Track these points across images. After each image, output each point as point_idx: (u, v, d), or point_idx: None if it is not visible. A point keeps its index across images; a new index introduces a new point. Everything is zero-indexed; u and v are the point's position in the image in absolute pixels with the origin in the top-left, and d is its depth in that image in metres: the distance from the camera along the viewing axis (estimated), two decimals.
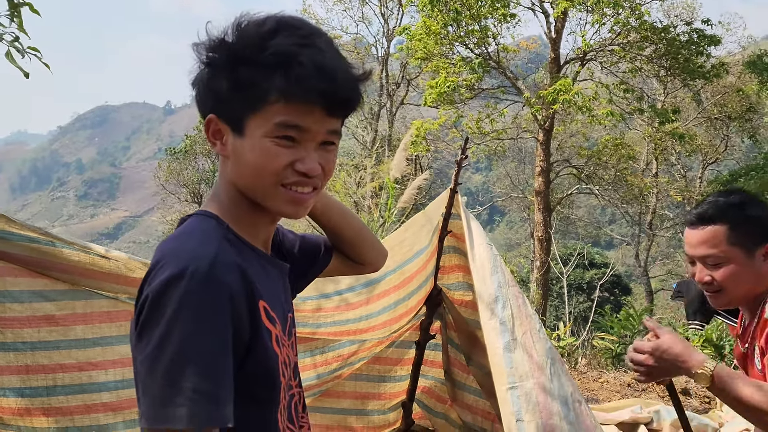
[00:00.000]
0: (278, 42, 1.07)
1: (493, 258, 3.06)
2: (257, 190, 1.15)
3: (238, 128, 1.11)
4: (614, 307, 18.02)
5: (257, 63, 1.07)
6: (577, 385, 2.95)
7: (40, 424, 2.71)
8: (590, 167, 17.54)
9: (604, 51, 14.79)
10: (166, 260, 1.05)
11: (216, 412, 0.98)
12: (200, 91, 1.14)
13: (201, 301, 1.00)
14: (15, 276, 2.55)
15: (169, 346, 0.98)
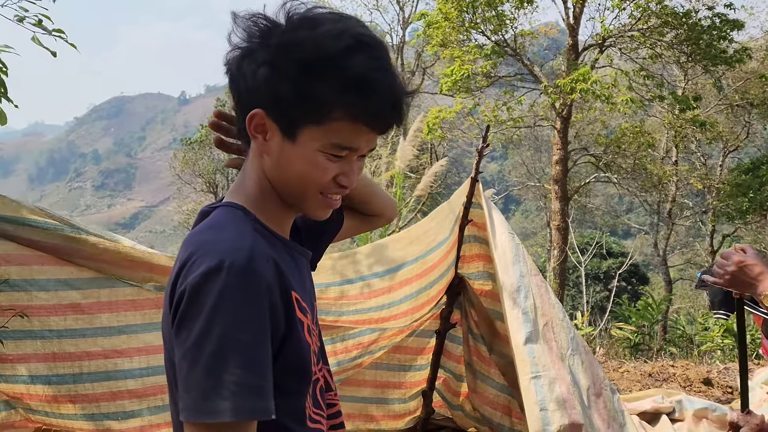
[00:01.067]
0: (357, 63, 1.05)
1: (515, 247, 3.04)
2: (296, 194, 1.16)
3: (291, 134, 1.09)
4: (632, 297, 17.89)
5: (332, 81, 1.05)
6: (600, 376, 2.92)
7: (67, 411, 2.75)
8: (609, 155, 17.34)
9: (623, 37, 14.57)
10: (201, 253, 1.04)
11: (260, 404, 0.99)
12: (248, 83, 1.10)
13: (240, 293, 1.00)
14: (42, 264, 2.57)
15: (210, 340, 0.98)
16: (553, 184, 15.38)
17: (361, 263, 3.09)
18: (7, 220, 2.44)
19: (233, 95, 1.14)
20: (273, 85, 1.07)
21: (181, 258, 1.09)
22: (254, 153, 1.16)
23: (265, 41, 1.08)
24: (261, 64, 1.07)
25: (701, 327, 8.92)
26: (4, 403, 2.67)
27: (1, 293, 2.47)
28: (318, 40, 1.05)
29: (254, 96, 1.10)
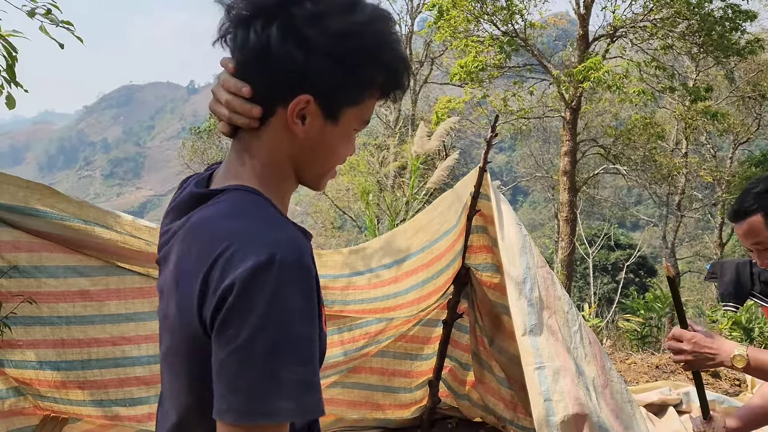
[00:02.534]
0: (394, 45, 1.08)
1: (523, 238, 3.03)
2: (320, 172, 1.16)
3: (334, 116, 1.08)
4: (639, 289, 17.84)
5: (382, 66, 1.07)
6: (607, 366, 2.91)
7: (76, 397, 2.78)
8: (618, 147, 17.24)
9: (635, 27, 14.43)
10: (241, 244, 0.98)
11: (317, 402, 0.96)
12: (289, 66, 1.03)
13: (294, 288, 0.97)
14: (50, 251, 2.59)
15: (265, 336, 0.93)
16: (561, 175, 15.31)
17: (371, 257, 3.09)
18: (14, 209, 2.44)
19: (252, 70, 1.07)
20: (328, 72, 1.04)
21: (204, 246, 1.01)
22: (277, 135, 1.09)
23: (316, 23, 1.03)
24: (315, 49, 1.03)
25: (709, 320, 8.88)
26: (14, 390, 2.69)
27: (11, 279, 2.48)
28: (373, 26, 1.06)
29: (301, 80, 1.04)
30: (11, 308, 2.25)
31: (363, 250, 3.20)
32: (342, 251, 3.26)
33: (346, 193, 21.43)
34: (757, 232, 1.94)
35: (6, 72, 2.76)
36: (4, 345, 2.48)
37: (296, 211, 35.50)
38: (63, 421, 2.79)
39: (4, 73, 2.76)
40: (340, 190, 21.64)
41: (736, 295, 3.14)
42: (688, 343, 1.87)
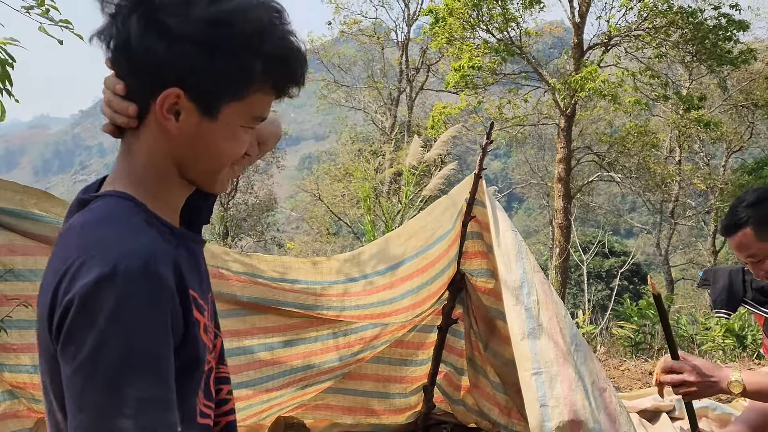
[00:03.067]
0: (280, 35, 1.02)
1: (518, 244, 3.05)
2: (209, 172, 1.09)
3: (211, 111, 1.02)
4: (633, 296, 17.87)
5: (262, 55, 1.00)
6: (602, 371, 2.93)
7: None
8: (612, 154, 17.34)
9: (629, 36, 14.55)
10: (90, 255, 0.93)
11: (167, 419, 0.91)
12: (158, 59, 0.98)
13: (138, 300, 0.91)
14: (46, 255, 2.58)
15: (108, 353, 0.88)
16: (556, 182, 15.38)
17: (365, 264, 3.11)
18: (11, 212, 2.45)
19: (122, 67, 1.02)
20: (197, 63, 0.98)
21: (61, 257, 0.96)
22: (153, 134, 1.04)
23: (179, 12, 0.97)
24: (178, 39, 0.97)
25: (702, 327, 8.92)
26: (9, 393, 2.68)
27: (6, 283, 2.48)
28: (247, 13, 0.99)
29: (166, 74, 0.99)
30: (7, 312, 2.25)
31: (357, 256, 3.21)
32: (337, 258, 3.28)
33: (341, 199, 21.47)
34: (748, 245, 1.96)
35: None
36: (0, 349, 2.48)
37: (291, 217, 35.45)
38: None
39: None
40: (336, 196, 21.69)
41: (728, 302, 3.16)
42: (691, 374, 1.87)
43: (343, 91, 25.12)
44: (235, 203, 24.08)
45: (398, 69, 23.98)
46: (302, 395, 3.49)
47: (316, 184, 22.61)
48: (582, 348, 2.93)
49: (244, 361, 3.07)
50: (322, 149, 41.95)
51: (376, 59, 24.85)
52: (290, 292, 2.95)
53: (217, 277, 2.82)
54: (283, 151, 26.66)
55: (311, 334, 3.20)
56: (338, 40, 25.47)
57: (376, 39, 23.96)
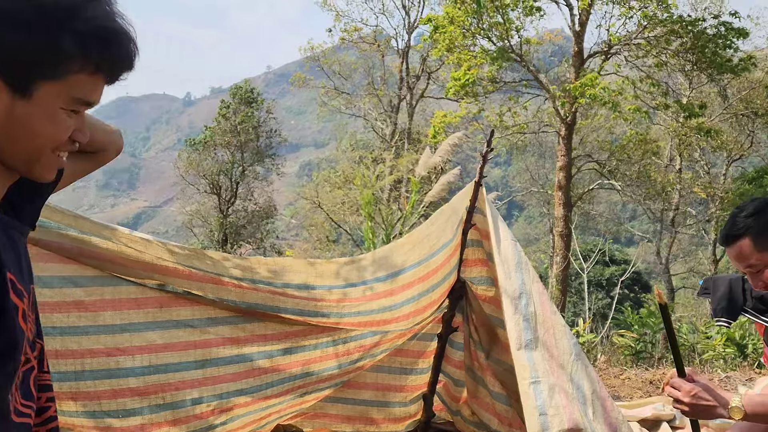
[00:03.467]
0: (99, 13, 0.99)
1: (518, 254, 3.05)
2: (28, 156, 1.05)
3: (25, 91, 0.98)
4: (634, 305, 17.85)
5: (76, 32, 0.97)
6: (600, 382, 2.93)
7: (68, 408, 2.75)
8: (613, 162, 17.37)
9: (629, 44, 14.60)
10: None
11: None
12: None
13: None
14: (45, 261, 2.58)
15: None
16: (556, 190, 15.40)
17: (365, 269, 3.10)
18: None
19: None
20: (5, 40, 0.95)
21: None
22: None
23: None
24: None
25: (703, 336, 8.90)
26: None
27: None
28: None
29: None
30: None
31: (357, 261, 3.21)
32: (337, 260, 3.27)
33: (341, 207, 21.48)
34: (747, 256, 1.97)
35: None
36: None
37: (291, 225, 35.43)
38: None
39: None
40: (336, 204, 21.70)
41: (728, 310, 3.16)
42: (686, 395, 1.90)
43: (343, 98, 25.18)
44: (235, 210, 24.08)
45: (399, 76, 24.05)
46: (301, 403, 3.47)
47: (315, 191, 22.63)
48: (581, 358, 2.93)
49: (242, 369, 3.05)
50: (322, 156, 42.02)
51: (376, 66, 24.93)
52: (290, 298, 2.94)
53: (216, 283, 2.82)
54: (283, 158, 26.67)
55: (311, 342, 3.19)
56: (339, 48, 25.55)
57: (376, 47, 24.04)
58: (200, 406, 3.03)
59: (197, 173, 23.79)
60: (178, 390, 2.93)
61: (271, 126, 24.98)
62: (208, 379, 2.99)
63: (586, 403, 2.80)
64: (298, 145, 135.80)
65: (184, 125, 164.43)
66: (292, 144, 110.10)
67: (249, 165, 24.11)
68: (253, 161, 24.17)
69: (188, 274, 2.77)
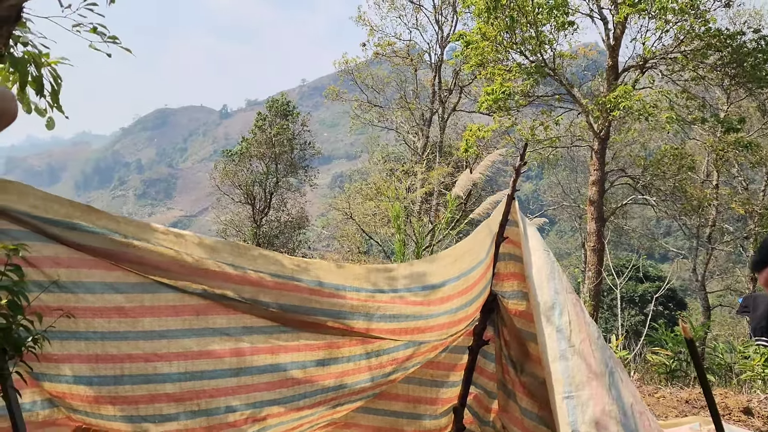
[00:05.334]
0: None
1: (551, 264, 3.04)
2: None
3: None
4: (668, 322, 17.46)
5: None
6: (639, 395, 2.89)
7: (107, 412, 2.83)
8: (647, 177, 17.08)
9: (665, 59, 14.40)
10: None
11: None
12: None
13: None
14: (89, 268, 2.67)
15: None
16: (589, 204, 15.20)
17: (397, 279, 3.11)
18: (58, 223, 2.53)
19: None
20: None
21: None
22: None
23: None
24: None
25: (741, 355, 8.66)
26: (48, 401, 2.76)
27: (50, 294, 2.56)
28: None
29: None
30: (50, 322, 2.32)
31: (389, 270, 3.22)
32: (366, 265, 3.28)
33: (372, 218, 21.54)
34: None
35: (50, 97, 2.90)
36: (40, 359, 2.55)
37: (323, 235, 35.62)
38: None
39: (49, 98, 2.90)
40: (367, 215, 21.77)
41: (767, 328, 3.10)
42: None
43: (375, 111, 25.33)
44: (268, 220, 24.35)
45: (431, 90, 24.11)
46: (332, 414, 3.49)
47: (347, 202, 22.75)
48: (618, 370, 2.90)
49: (276, 378, 3.08)
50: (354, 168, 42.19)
51: (409, 80, 25.04)
52: (325, 297, 2.96)
53: (254, 284, 2.84)
54: (316, 170, 26.89)
55: (344, 354, 3.21)
56: (372, 62, 25.74)
57: (409, 61, 24.15)
58: (234, 414, 3.07)
59: (232, 184, 24.15)
60: (212, 397, 2.98)
61: (305, 138, 25.26)
62: (242, 388, 3.04)
63: (626, 415, 2.76)
64: (330, 157, 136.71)
65: (220, 137, 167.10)
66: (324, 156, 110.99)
67: (283, 176, 24.40)
68: (287, 172, 24.46)
69: (226, 276, 2.81)
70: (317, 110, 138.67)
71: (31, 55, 2.78)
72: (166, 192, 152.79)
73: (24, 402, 2.67)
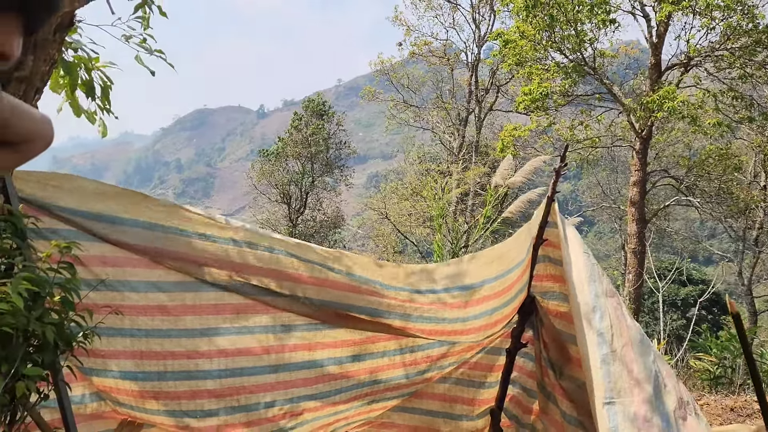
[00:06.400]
0: None
1: (591, 266, 3.00)
2: None
3: None
4: (712, 327, 17.01)
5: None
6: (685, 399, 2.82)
7: (151, 406, 2.91)
8: (691, 178, 16.65)
9: (711, 56, 14.02)
10: None
11: None
12: None
13: None
14: (134, 267, 2.74)
15: None
16: (630, 206, 14.90)
17: (435, 281, 3.12)
18: (101, 218, 2.60)
19: None
20: None
21: None
22: None
23: None
24: None
25: None
26: (96, 395, 2.85)
27: (98, 292, 2.64)
28: None
29: None
30: (99, 319, 2.39)
31: (428, 272, 3.22)
32: (405, 267, 3.28)
33: (407, 218, 21.53)
34: None
35: (101, 100, 2.99)
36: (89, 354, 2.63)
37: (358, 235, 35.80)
38: (139, 426, 2.92)
39: (98, 101, 2.99)
40: (403, 215, 21.78)
41: None
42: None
43: (411, 111, 25.30)
44: (304, 219, 24.56)
45: (467, 90, 23.96)
46: (369, 411, 3.52)
47: (383, 202, 22.78)
48: (662, 374, 2.84)
49: (313, 374, 3.13)
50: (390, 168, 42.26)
51: (445, 80, 24.94)
52: (363, 294, 2.98)
53: (294, 280, 2.87)
54: (351, 170, 27.02)
55: (378, 349, 3.24)
56: (408, 61, 25.73)
57: (445, 60, 24.05)
58: (272, 409, 3.13)
59: (269, 183, 24.44)
60: (252, 393, 3.04)
61: (340, 138, 25.41)
62: (281, 384, 3.09)
63: (668, 422, 2.71)
64: (366, 156, 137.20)
65: (257, 136, 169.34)
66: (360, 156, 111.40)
67: (318, 176, 24.58)
68: (323, 172, 24.63)
69: (268, 271, 2.86)
70: (353, 110, 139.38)
71: (82, 59, 2.87)
72: (205, 191, 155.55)
73: (73, 395, 2.76)
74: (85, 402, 2.81)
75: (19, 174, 2.44)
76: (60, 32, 2.42)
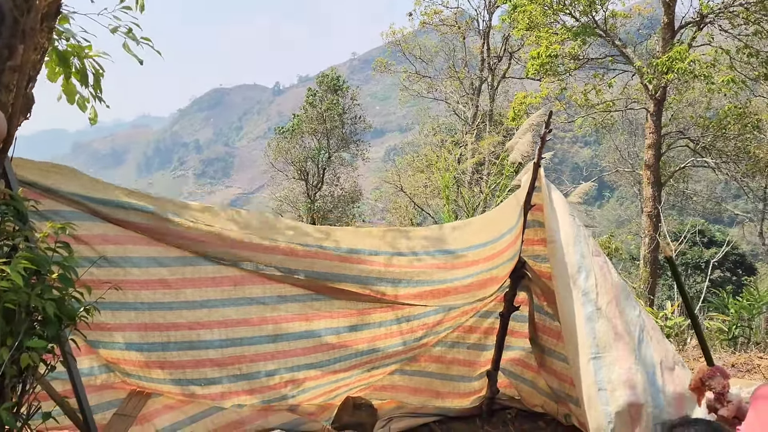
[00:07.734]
0: None
1: (576, 228, 3.06)
2: None
3: None
4: (736, 288, 16.88)
5: None
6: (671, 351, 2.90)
7: (157, 375, 3.07)
8: (707, 138, 16.36)
9: (724, 13, 13.67)
10: None
11: None
12: None
13: None
14: (134, 243, 2.87)
15: None
16: (645, 169, 14.75)
17: (414, 241, 3.18)
18: (104, 202, 2.73)
19: None
20: None
21: None
22: None
23: None
24: None
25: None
26: (105, 367, 3.01)
27: (101, 268, 2.78)
28: None
29: None
30: (100, 294, 2.52)
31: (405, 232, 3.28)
32: (380, 228, 3.36)
33: (424, 190, 21.55)
34: None
35: (93, 87, 3.10)
36: (94, 328, 2.77)
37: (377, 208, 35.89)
38: (147, 395, 3.08)
39: (91, 88, 3.10)
40: (419, 187, 21.79)
41: None
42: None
43: (424, 82, 25.11)
44: (322, 195, 24.70)
45: (480, 58, 23.68)
46: (369, 377, 3.65)
47: (398, 175, 22.80)
48: (648, 328, 2.92)
49: (312, 344, 3.25)
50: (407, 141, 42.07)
51: (457, 49, 24.65)
52: (354, 263, 3.06)
53: (288, 254, 2.97)
54: (368, 144, 26.98)
55: (375, 320, 3.34)
56: (419, 32, 25.45)
57: (457, 28, 23.75)
58: (273, 378, 3.27)
59: (286, 160, 24.53)
60: (253, 362, 3.18)
61: (355, 112, 25.36)
62: (280, 353, 3.22)
63: (653, 373, 2.79)
64: (383, 130, 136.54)
65: (273, 114, 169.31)
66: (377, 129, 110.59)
67: (335, 151, 24.62)
68: (339, 147, 24.66)
69: (263, 248, 2.96)
70: (368, 83, 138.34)
71: (74, 48, 2.98)
72: (224, 171, 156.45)
73: (83, 368, 2.92)
74: (95, 374, 2.98)
75: (19, 162, 2.56)
76: (47, 21, 2.52)
